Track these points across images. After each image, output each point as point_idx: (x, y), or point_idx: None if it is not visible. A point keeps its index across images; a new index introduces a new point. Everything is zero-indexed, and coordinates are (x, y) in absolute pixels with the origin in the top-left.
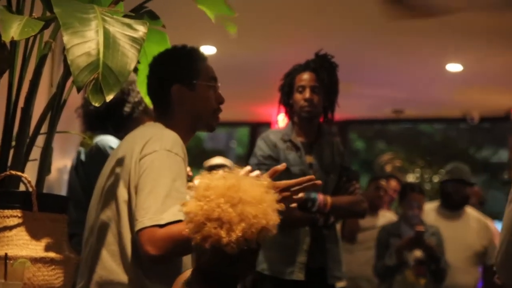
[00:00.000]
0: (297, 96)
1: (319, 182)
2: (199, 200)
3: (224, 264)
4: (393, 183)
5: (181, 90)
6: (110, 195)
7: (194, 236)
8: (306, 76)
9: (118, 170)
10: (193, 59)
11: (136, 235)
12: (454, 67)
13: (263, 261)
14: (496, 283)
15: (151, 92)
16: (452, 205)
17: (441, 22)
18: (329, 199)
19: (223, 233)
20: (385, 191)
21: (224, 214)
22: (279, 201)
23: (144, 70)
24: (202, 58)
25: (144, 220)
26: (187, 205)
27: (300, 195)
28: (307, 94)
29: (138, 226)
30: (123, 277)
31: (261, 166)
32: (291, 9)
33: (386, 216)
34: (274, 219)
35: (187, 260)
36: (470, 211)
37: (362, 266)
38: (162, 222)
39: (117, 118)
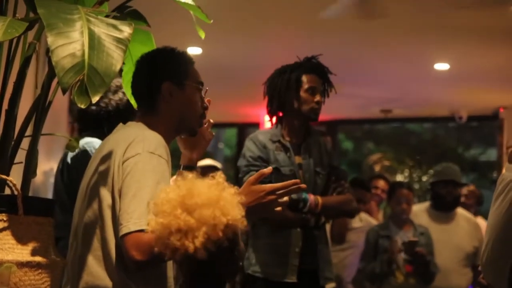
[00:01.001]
0: (307, 96)
1: (303, 186)
2: (158, 216)
3: (205, 269)
4: (382, 183)
5: (171, 88)
6: (93, 198)
7: (164, 252)
8: (316, 78)
9: (100, 173)
10: (184, 60)
11: (120, 240)
12: (441, 66)
13: (255, 263)
14: (482, 283)
15: (137, 89)
16: (443, 207)
17: (427, 21)
18: (320, 199)
19: (187, 242)
20: (364, 203)
21: (183, 223)
22: (265, 204)
23: (129, 71)
24: (191, 61)
25: (129, 224)
26: (149, 224)
27: (285, 198)
28: (318, 97)
29: (123, 231)
30: (108, 282)
31: (251, 167)
32: (277, 9)
33: (363, 218)
34: (235, 213)
35: (172, 262)
36: (461, 212)
37: (335, 267)
38: (146, 227)
39: (117, 120)
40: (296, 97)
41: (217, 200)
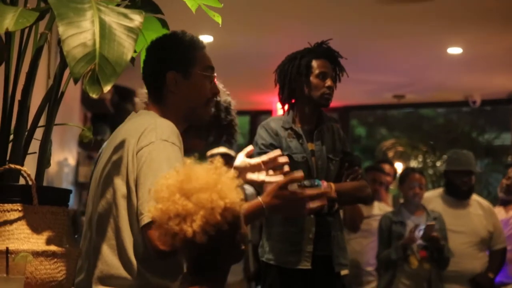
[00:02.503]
0: (318, 82)
1: (333, 195)
2: (157, 203)
3: (206, 254)
4: (387, 167)
5: (176, 78)
6: (107, 188)
7: (166, 238)
8: (327, 64)
9: (114, 163)
10: (191, 47)
11: (142, 230)
12: (454, 50)
13: (268, 251)
14: None
15: (146, 77)
16: (458, 195)
17: (439, 5)
18: (333, 185)
19: (186, 226)
20: (380, 183)
21: (181, 208)
22: (295, 209)
23: None
24: (200, 46)
25: (150, 214)
26: (150, 211)
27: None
28: (329, 82)
29: (144, 221)
30: (123, 271)
31: (263, 154)
32: None
33: (381, 207)
34: (233, 197)
35: None
36: (474, 197)
37: (358, 254)
38: None
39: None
40: (306, 83)
41: (214, 184)
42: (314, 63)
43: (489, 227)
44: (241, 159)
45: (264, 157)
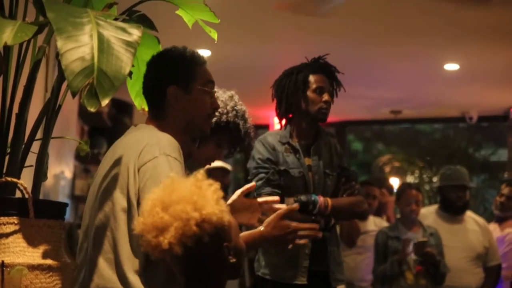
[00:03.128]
0: (315, 97)
1: (320, 235)
2: (142, 216)
3: (189, 267)
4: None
5: (177, 92)
6: (105, 201)
7: (149, 252)
8: (324, 79)
9: (113, 176)
10: (192, 62)
11: None
12: (451, 67)
13: (264, 265)
14: None
15: (146, 91)
16: (453, 211)
17: (437, 21)
18: (329, 201)
19: (162, 238)
20: (374, 198)
21: (158, 221)
22: (286, 240)
23: (135, 73)
24: (200, 61)
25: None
26: (134, 224)
27: (295, 205)
28: (326, 96)
29: None
30: (120, 285)
31: (260, 169)
32: (285, 11)
33: (377, 223)
34: (211, 208)
35: None
36: (469, 213)
37: (352, 270)
38: None
39: None
40: (303, 98)
41: (191, 196)
42: (311, 78)
43: (485, 243)
44: (235, 197)
45: (261, 199)
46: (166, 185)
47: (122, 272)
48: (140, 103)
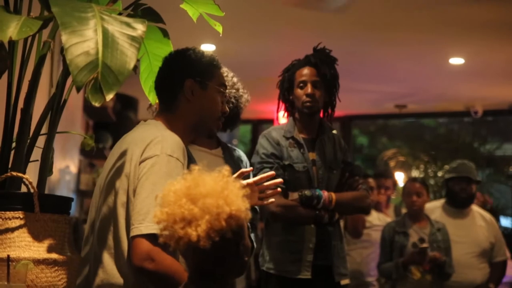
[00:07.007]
0: (298, 92)
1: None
2: (163, 207)
3: (209, 261)
4: (388, 182)
5: (194, 86)
6: (109, 195)
7: (169, 242)
8: (306, 71)
9: (117, 170)
10: (211, 62)
11: (131, 240)
12: (456, 61)
13: (268, 260)
14: None
15: (160, 84)
16: (458, 203)
17: (442, 16)
18: (333, 195)
19: (191, 230)
20: (387, 188)
21: (187, 212)
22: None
23: (147, 68)
24: (217, 65)
25: (141, 227)
26: (155, 214)
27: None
28: (308, 89)
29: (134, 232)
30: (123, 281)
31: (264, 164)
32: (290, 5)
33: (381, 217)
34: (239, 204)
35: None
36: (475, 208)
37: (359, 265)
38: (158, 231)
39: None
40: (293, 95)
41: (221, 191)
42: (297, 74)
43: (491, 238)
44: None
45: (257, 178)
46: (189, 178)
47: (124, 268)
48: (154, 98)
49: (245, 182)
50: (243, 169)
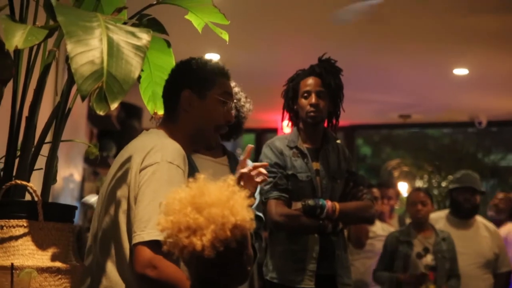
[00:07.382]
0: (303, 102)
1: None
2: (168, 215)
3: (213, 271)
4: (391, 192)
5: (191, 97)
6: (111, 203)
7: (173, 251)
8: (311, 81)
9: (118, 178)
10: (213, 70)
11: (133, 247)
12: (460, 71)
13: (272, 269)
14: None
15: (164, 94)
16: (462, 214)
17: (446, 26)
18: (337, 205)
19: (195, 240)
20: (390, 198)
21: (192, 221)
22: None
23: (147, 78)
24: (223, 73)
25: (143, 234)
26: (159, 222)
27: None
28: (313, 99)
29: (136, 240)
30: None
31: (268, 174)
32: (295, 15)
33: (385, 228)
34: (244, 214)
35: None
36: (480, 219)
37: (362, 275)
38: (160, 237)
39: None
40: (297, 105)
41: (226, 200)
42: (301, 84)
43: (495, 249)
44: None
45: (251, 166)
46: (195, 186)
47: (127, 275)
48: (153, 108)
49: (242, 171)
50: (256, 163)
